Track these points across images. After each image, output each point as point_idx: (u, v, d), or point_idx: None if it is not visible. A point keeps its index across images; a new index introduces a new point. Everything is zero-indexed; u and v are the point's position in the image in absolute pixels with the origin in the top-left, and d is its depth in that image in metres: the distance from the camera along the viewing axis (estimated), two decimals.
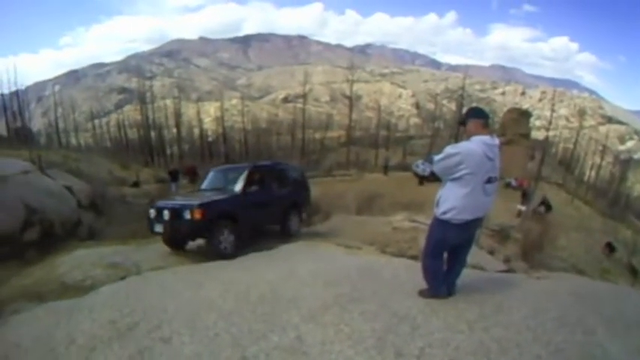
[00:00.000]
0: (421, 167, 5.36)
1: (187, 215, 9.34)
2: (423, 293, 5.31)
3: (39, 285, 7.74)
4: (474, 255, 6.82)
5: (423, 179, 5.47)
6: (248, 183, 11.11)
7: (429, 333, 4.30)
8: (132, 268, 8.57)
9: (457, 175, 4.76)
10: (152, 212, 10.21)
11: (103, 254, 9.72)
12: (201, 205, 9.47)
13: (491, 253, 13.30)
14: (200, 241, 10.29)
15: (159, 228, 9.91)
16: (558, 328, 4.39)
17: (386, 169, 39.23)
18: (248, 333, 4.55)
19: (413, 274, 6.15)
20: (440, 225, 5.00)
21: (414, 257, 9.06)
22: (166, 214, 9.72)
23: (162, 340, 4.56)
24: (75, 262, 8.96)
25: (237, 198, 10.72)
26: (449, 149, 4.87)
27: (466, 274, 5.64)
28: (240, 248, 9.90)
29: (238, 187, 11.05)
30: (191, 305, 5.53)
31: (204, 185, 12.39)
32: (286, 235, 12.07)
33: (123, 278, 7.64)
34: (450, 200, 4.85)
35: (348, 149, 58.09)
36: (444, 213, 4.89)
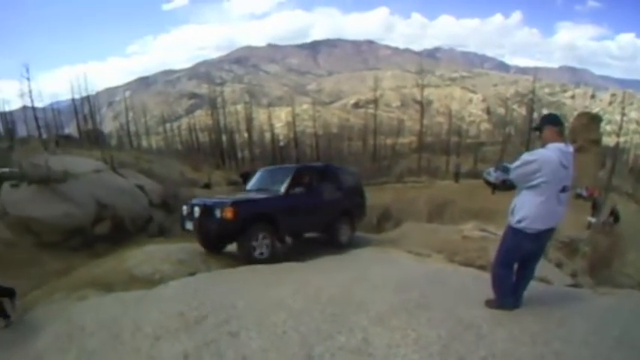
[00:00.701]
0: (494, 175, 5.29)
1: (218, 214, 8.77)
2: (489, 303, 5.25)
3: (107, 275, 7.94)
4: (542, 267, 6.68)
5: (495, 187, 5.34)
6: (292, 184, 10.35)
7: (493, 343, 4.30)
8: (201, 266, 8.71)
9: (533, 182, 4.69)
10: (185, 209, 9.88)
11: (172, 250, 9.77)
12: (234, 204, 8.91)
13: (559, 266, 12.98)
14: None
15: (189, 225, 9.50)
16: (618, 347, 4.27)
17: (457, 176, 38.87)
18: (316, 332, 4.59)
19: (480, 284, 6.15)
20: (513, 234, 4.94)
21: (482, 267, 8.89)
22: (197, 211, 9.34)
23: (230, 334, 4.63)
24: (144, 256, 9.08)
25: (279, 200, 10.05)
26: (526, 156, 4.82)
27: (533, 287, 5.57)
28: (277, 256, 9.22)
29: (282, 188, 10.30)
30: (261, 303, 5.58)
31: (250, 185, 11.76)
32: (335, 246, 11.09)
33: (192, 274, 7.79)
34: (525, 209, 4.79)
35: (420, 155, 57.80)
36: (519, 222, 4.83)
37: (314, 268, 8.20)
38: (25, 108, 54.06)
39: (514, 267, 5.17)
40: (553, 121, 5.00)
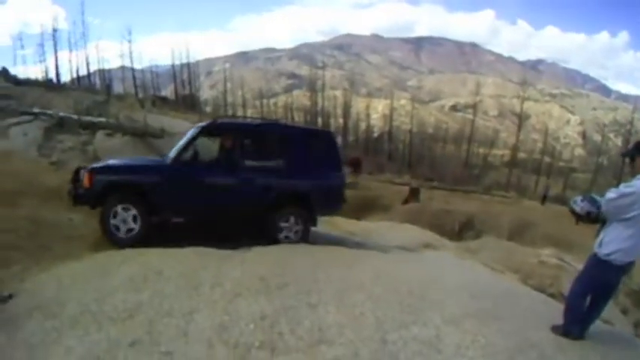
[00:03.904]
0: (580, 205, 5.21)
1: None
2: (555, 329, 5.23)
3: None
4: (609, 309, 6.59)
5: (579, 218, 5.27)
6: (187, 148, 8.11)
7: None
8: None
9: (628, 215, 4.60)
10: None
11: None
12: (92, 170, 7.39)
13: (624, 312, 12.64)
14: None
15: None
16: None
17: (544, 198, 37.96)
18: (392, 320, 4.73)
19: (550, 309, 6.25)
20: (599, 265, 4.87)
21: (552, 295, 8.89)
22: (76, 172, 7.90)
23: (309, 305, 4.81)
24: None
25: (161, 169, 7.95)
26: (623, 188, 4.72)
27: (597, 325, 5.55)
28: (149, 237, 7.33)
29: (174, 153, 8.20)
30: (342, 282, 5.73)
31: (178, 145, 8.95)
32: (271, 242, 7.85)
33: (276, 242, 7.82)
34: (617, 242, 4.71)
35: (510, 171, 56.98)
36: (609, 255, 4.75)
37: (393, 259, 8.34)
38: (123, 68, 56.84)
39: (587, 298, 5.14)
40: None
